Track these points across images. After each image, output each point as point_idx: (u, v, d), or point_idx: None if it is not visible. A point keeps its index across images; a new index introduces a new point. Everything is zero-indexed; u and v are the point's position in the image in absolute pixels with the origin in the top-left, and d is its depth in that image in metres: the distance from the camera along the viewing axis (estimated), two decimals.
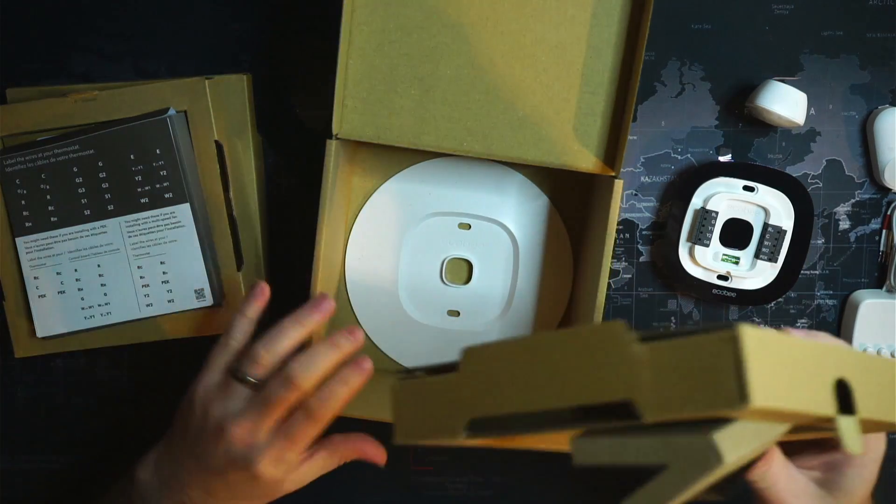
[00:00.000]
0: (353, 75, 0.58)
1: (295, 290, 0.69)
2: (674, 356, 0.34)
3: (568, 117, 0.58)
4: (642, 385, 0.34)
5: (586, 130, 0.59)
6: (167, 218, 0.62)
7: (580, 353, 0.37)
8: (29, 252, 0.64)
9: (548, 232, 0.67)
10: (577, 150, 0.59)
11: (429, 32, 0.58)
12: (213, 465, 0.54)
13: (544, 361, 0.38)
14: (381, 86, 0.59)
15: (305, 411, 0.52)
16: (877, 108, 0.65)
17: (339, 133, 0.59)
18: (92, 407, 0.70)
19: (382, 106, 0.59)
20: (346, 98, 0.59)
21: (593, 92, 0.58)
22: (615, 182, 0.57)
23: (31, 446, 0.71)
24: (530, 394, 0.38)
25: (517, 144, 0.59)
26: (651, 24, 0.65)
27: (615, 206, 0.57)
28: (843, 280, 0.67)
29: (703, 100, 0.66)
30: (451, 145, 0.59)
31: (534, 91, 0.58)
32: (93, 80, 0.67)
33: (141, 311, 0.64)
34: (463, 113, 0.59)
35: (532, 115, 0.58)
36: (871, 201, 0.66)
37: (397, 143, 0.59)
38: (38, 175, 0.63)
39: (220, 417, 0.53)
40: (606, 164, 0.59)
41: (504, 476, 0.70)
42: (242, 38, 0.67)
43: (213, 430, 0.53)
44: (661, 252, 0.67)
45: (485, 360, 0.40)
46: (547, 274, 0.67)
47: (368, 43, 0.58)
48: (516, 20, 0.58)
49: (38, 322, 0.65)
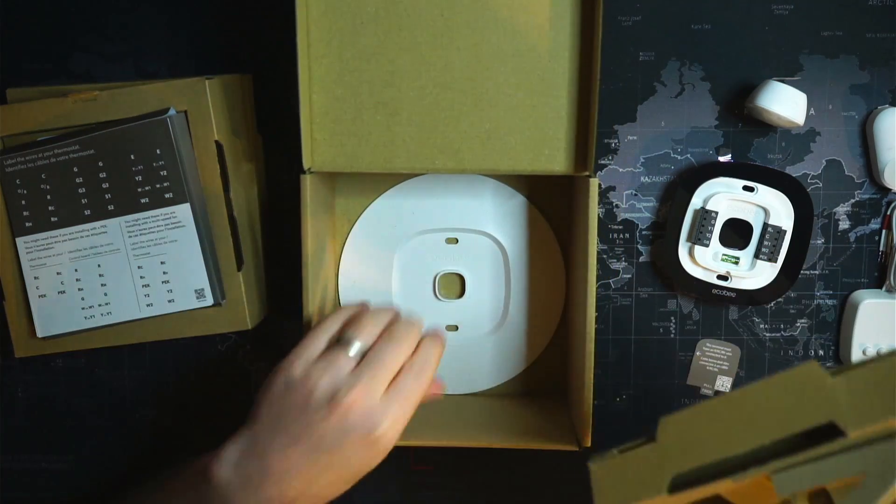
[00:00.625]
0: (317, 108, 0.59)
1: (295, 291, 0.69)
2: (863, 379, 0.40)
3: (535, 123, 0.59)
4: (841, 407, 0.40)
5: (554, 134, 0.59)
6: (167, 218, 0.62)
7: (779, 395, 0.42)
8: (29, 252, 0.64)
9: (534, 236, 0.67)
10: (548, 155, 0.59)
11: (387, 57, 0.58)
12: (326, 442, 0.52)
13: (743, 410, 0.43)
14: (347, 115, 0.59)
15: (413, 371, 0.54)
16: (876, 108, 0.65)
17: (310, 167, 0.59)
18: (92, 407, 0.70)
19: (350, 135, 0.59)
20: (314, 131, 0.59)
21: (556, 95, 0.58)
22: (590, 181, 0.57)
23: (31, 446, 0.71)
24: (732, 440, 0.42)
25: (488, 156, 0.59)
26: (651, 24, 0.65)
27: (593, 204, 0.58)
28: (843, 280, 0.67)
29: (703, 100, 0.66)
30: (423, 165, 0.59)
31: (498, 101, 0.59)
32: (93, 80, 0.67)
33: (141, 311, 0.64)
34: (430, 132, 0.59)
35: (499, 125, 0.59)
36: (871, 201, 0.66)
37: (369, 169, 0.59)
38: (38, 175, 0.63)
39: (330, 388, 0.52)
40: (579, 163, 0.59)
41: (504, 476, 0.70)
42: (242, 38, 0.67)
43: (324, 402, 0.52)
44: (660, 252, 0.67)
45: (682, 424, 0.44)
46: (538, 278, 0.67)
47: (328, 74, 0.58)
48: (472, 34, 0.58)
49: (39, 322, 0.65)
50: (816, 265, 0.67)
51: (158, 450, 0.70)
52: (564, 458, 0.69)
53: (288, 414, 0.53)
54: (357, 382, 0.52)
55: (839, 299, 0.67)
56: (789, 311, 0.67)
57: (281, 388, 0.54)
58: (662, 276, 0.67)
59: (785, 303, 0.67)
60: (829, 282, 0.67)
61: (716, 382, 0.68)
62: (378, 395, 0.53)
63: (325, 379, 0.53)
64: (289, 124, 0.66)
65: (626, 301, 0.67)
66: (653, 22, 0.65)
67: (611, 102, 0.66)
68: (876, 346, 0.65)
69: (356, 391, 0.52)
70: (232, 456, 0.53)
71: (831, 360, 0.68)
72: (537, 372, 0.69)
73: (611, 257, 0.67)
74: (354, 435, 0.52)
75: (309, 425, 0.52)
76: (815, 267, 0.67)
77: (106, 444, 0.70)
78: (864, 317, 0.65)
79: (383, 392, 0.53)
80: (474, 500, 0.70)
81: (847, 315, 0.67)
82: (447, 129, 0.59)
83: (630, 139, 0.66)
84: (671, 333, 0.68)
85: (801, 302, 0.67)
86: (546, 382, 0.69)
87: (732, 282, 0.65)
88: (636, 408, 0.68)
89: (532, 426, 0.63)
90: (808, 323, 0.67)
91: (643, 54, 0.65)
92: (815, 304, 0.67)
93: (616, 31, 0.65)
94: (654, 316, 0.68)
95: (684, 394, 0.68)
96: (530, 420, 0.64)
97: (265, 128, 0.67)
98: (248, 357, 0.69)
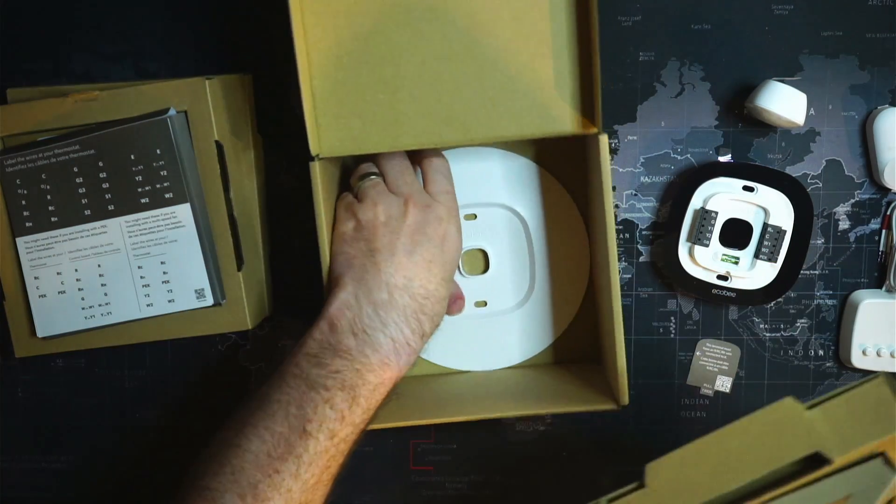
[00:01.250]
0: (319, 94, 0.59)
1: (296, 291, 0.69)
2: (841, 408, 0.43)
3: (538, 86, 0.58)
4: (824, 437, 0.42)
5: (560, 94, 0.58)
6: (167, 218, 0.62)
7: (762, 432, 0.43)
8: (29, 252, 0.64)
9: (551, 203, 0.66)
10: (556, 116, 0.58)
11: (383, 35, 0.58)
12: (425, 242, 0.58)
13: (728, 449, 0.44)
14: (350, 98, 0.59)
15: (433, 172, 0.61)
16: (876, 108, 0.65)
17: (319, 154, 0.59)
18: (92, 407, 0.70)
19: (355, 117, 0.59)
20: (319, 118, 0.59)
21: (557, 56, 0.58)
22: (600, 138, 0.57)
23: (31, 446, 0.71)
24: (721, 479, 0.43)
25: (495, 124, 0.58)
26: (651, 24, 0.65)
27: (605, 161, 0.57)
28: (843, 280, 0.67)
29: (703, 100, 0.66)
30: (430, 140, 0.59)
31: (500, 67, 0.58)
32: (93, 80, 0.67)
33: (141, 311, 0.64)
34: (435, 105, 0.58)
35: (503, 91, 0.58)
36: (871, 201, 0.66)
37: (377, 149, 0.59)
38: (38, 175, 0.63)
39: (383, 211, 0.58)
40: (587, 121, 0.58)
41: (504, 476, 0.70)
42: (242, 38, 0.67)
43: (389, 219, 0.58)
44: (660, 252, 0.67)
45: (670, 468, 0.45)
46: (560, 247, 0.67)
47: (327, 59, 0.58)
48: (466, 3, 0.57)
49: (39, 322, 0.65)
50: (816, 265, 0.67)
51: (158, 450, 0.70)
52: (563, 459, 0.69)
53: (370, 253, 0.57)
54: (403, 192, 0.59)
55: (839, 299, 0.67)
56: (789, 311, 0.67)
57: (350, 239, 0.58)
58: (662, 276, 0.67)
59: (785, 303, 0.67)
60: (829, 282, 0.67)
61: (716, 382, 0.68)
62: (424, 192, 0.60)
63: (378, 208, 0.58)
64: (289, 124, 0.66)
65: (627, 301, 0.67)
66: (653, 22, 0.65)
67: (611, 102, 0.65)
68: (876, 346, 0.65)
69: (408, 198, 0.58)
70: (344, 321, 0.56)
71: (831, 360, 0.68)
72: (568, 342, 0.68)
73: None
74: (430, 228, 0.58)
75: (391, 242, 0.57)
76: (814, 267, 0.67)
77: (106, 444, 0.70)
78: (863, 317, 0.65)
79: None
80: (474, 500, 0.70)
81: (847, 315, 0.67)
82: (451, 101, 0.58)
83: (630, 139, 0.66)
84: (671, 333, 0.68)
85: (801, 302, 0.67)
86: (577, 352, 0.68)
87: (732, 282, 0.65)
88: (637, 408, 0.68)
89: (567, 391, 0.63)
90: (808, 323, 0.67)
91: (643, 54, 0.65)
92: (815, 304, 0.67)
93: (616, 31, 0.65)
94: (655, 316, 0.68)
95: (684, 394, 0.68)
96: (565, 386, 0.64)
97: (265, 128, 0.67)
98: (248, 357, 0.69)
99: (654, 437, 0.68)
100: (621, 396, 0.59)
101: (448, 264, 0.59)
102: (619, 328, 0.59)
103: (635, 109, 0.66)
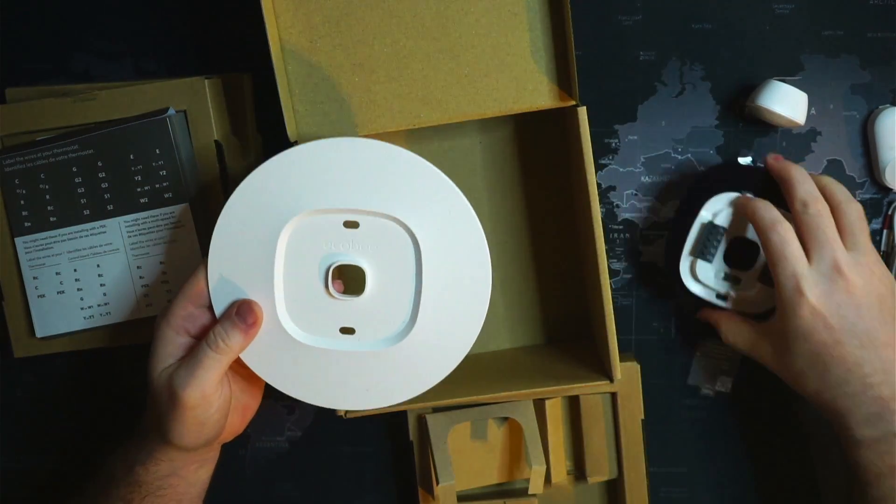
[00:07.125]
0: (294, 79, 0.58)
1: None
2: None
3: (513, 60, 0.58)
4: None
5: (536, 67, 0.58)
6: (167, 218, 0.62)
7: None
8: (28, 252, 0.64)
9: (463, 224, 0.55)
10: (532, 90, 0.58)
11: (355, 17, 0.58)
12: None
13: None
14: (325, 83, 0.58)
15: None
16: (877, 108, 0.65)
17: (297, 140, 0.58)
18: (91, 407, 0.70)
19: (331, 101, 0.59)
20: (295, 104, 0.59)
21: (531, 28, 0.58)
22: (578, 110, 0.56)
23: (31, 446, 0.71)
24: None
25: (472, 101, 0.58)
26: (651, 23, 0.65)
27: (585, 134, 0.55)
28: None
29: (704, 100, 0.65)
30: (407, 121, 0.58)
31: (473, 44, 0.58)
32: (93, 80, 0.67)
33: (141, 311, 0.64)
34: (411, 86, 0.58)
35: (478, 68, 0.58)
36: (872, 201, 0.66)
37: (355, 134, 0.59)
38: (37, 175, 0.63)
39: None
40: (564, 93, 0.58)
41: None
42: (242, 38, 0.66)
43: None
44: (662, 256, 0.67)
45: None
46: (463, 273, 0.55)
47: (300, 44, 0.58)
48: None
49: (38, 322, 0.65)
50: None
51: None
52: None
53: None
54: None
55: None
56: None
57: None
58: (663, 276, 0.67)
59: None
60: None
61: (716, 383, 0.68)
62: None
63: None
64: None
65: (627, 301, 0.67)
66: (653, 21, 0.65)
67: (611, 102, 0.65)
68: None
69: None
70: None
71: None
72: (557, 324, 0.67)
73: (611, 257, 0.67)
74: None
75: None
76: None
77: (106, 444, 0.70)
78: None
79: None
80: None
81: None
82: (426, 80, 0.58)
83: (630, 139, 0.66)
84: (671, 333, 0.68)
85: None
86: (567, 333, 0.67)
87: (731, 303, 0.62)
88: None
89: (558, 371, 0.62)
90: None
91: (644, 54, 0.65)
92: None
93: (616, 31, 0.65)
94: (655, 316, 0.68)
95: (684, 394, 0.68)
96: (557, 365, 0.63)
97: (265, 128, 0.67)
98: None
99: (655, 437, 0.67)
100: (613, 372, 0.58)
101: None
102: (609, 304, 0.58)
103: (636, 109, 0.66)
